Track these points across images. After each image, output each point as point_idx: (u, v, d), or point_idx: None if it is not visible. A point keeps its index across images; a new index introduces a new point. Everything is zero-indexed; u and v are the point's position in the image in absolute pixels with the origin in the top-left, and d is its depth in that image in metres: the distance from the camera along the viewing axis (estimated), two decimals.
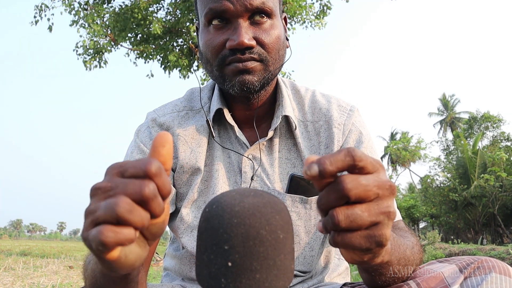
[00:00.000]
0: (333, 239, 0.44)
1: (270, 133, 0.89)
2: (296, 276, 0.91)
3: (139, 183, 0.39)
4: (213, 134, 0.90)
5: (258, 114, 0.92)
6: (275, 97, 0.93)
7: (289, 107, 0.91)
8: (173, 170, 0.91)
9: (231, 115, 0.91)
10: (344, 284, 0.88)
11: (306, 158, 0.44)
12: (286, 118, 0.92)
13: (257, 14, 0.80)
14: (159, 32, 8.49)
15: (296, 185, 0.86)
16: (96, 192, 0.41)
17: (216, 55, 0.81)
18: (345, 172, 0.44)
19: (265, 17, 0.81)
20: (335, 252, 1.07)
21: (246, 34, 0.78)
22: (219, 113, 0.91)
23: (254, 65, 0.80)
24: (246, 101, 0.88)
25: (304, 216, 0.88)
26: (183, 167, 0.90)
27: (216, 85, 0.94)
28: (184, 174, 0.90)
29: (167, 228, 1.01)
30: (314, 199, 0.87)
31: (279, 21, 0.86)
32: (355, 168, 0.42)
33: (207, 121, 0.90)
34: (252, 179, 0.88)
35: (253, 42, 0.79)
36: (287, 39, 0.90)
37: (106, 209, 0.38)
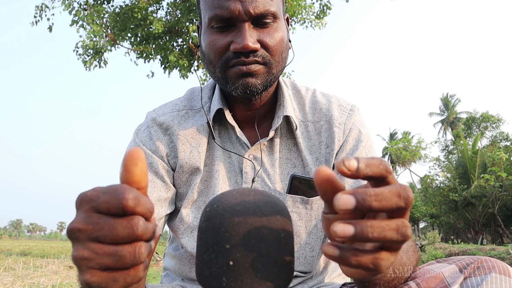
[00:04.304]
0: (361, 260, 0.40)
1: (271, 133, 0.89)
2: (296, 276, 0.91)
3: (127, 225, 0.38)
4: (213, 136, 0.90)
5: (259, 114, 0.92)
6: (276, 97, 0.93)
7: (290, 107, 0.91)
8: (173, 170, 0.91)
9: (231, 115, 0.91)
10: (344, 284, 0.89)
11: (341, 159, 0.40)
12: (287, 118, 0.92)
13: (262, 18, 0.80)
14: (160, 31, 8.48)
15: (297, 186, 0.86)
16: (78, 235, 0.39)
17: (220, 57, 0.82)
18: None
19: (269, 20, 0.81)
20: None
21: (250, 38, 0.78)
22: (219, 113, 0.91)
23: (257, 68, 0.81)
24: (247, 101, 0.88)
25: (305, 217, 0.88)
26: (183, 166, 0.90)
27: (217, 85, 0.94)
28: (184, 174, 0.90)
29: (167, 228, 1.01)
30: (314, 199, 0.87)
31: (283, 23, 0.86)
32: (384, 179, 0.41)
33: (208, 122, 0.90)
34: (253, 180, 0.89)
35: (258, 46, 0.79)
36: (290, 41, 0.90)
37: (114, 259, 0.38)
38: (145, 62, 9.69)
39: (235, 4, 0.78)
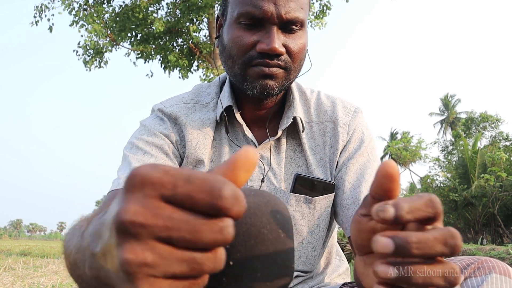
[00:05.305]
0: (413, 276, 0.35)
1: (279, 133, 0.90)
2: (297, 276, 0.91)
3: (216, 229, 0.30)
4: (227, 130, 0.90)
5: (267, 114, 0.93)
6: (284, 98, 0.95)
7: (299, 108, 0.93)
8: (182, 159, 0.91)
9: (239, 113, 0.91)
10: (344, 284, 0.89)
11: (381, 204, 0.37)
12: (294, 119, 0.92)
13: (290, 23, 0.81)
14: (161, 30, 8.48)
15: (300, 185, 0.87)
16: (139, 230, 0.29)
17: (243, 54, 0.82)
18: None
19: (297, 27, 0.82)
20: (336, 253, 1.08)
21: (278, 41, 0.79)
22: (227, 110, 0.91)
23: (278, 71, 0.82)
24: (259, 101, 0.89)
25: (307, 216, 0.88)
26: (188, 157, 0.89)
27: (227, 82, 0.94)
28: (188, 165, 0.90)
29: None
30: (318, 199, 0.88)
31: (307, 32, 0.87)
32: (433, 221, 0.37)
33: (222, 116, 0.90)
34: (262, 180, 0.89)
35: (283, 50, 0.80)
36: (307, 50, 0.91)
37: (190, 267, 0.30)
38: (145, 62, 9.70)
39: (268, 5, 0.78)
